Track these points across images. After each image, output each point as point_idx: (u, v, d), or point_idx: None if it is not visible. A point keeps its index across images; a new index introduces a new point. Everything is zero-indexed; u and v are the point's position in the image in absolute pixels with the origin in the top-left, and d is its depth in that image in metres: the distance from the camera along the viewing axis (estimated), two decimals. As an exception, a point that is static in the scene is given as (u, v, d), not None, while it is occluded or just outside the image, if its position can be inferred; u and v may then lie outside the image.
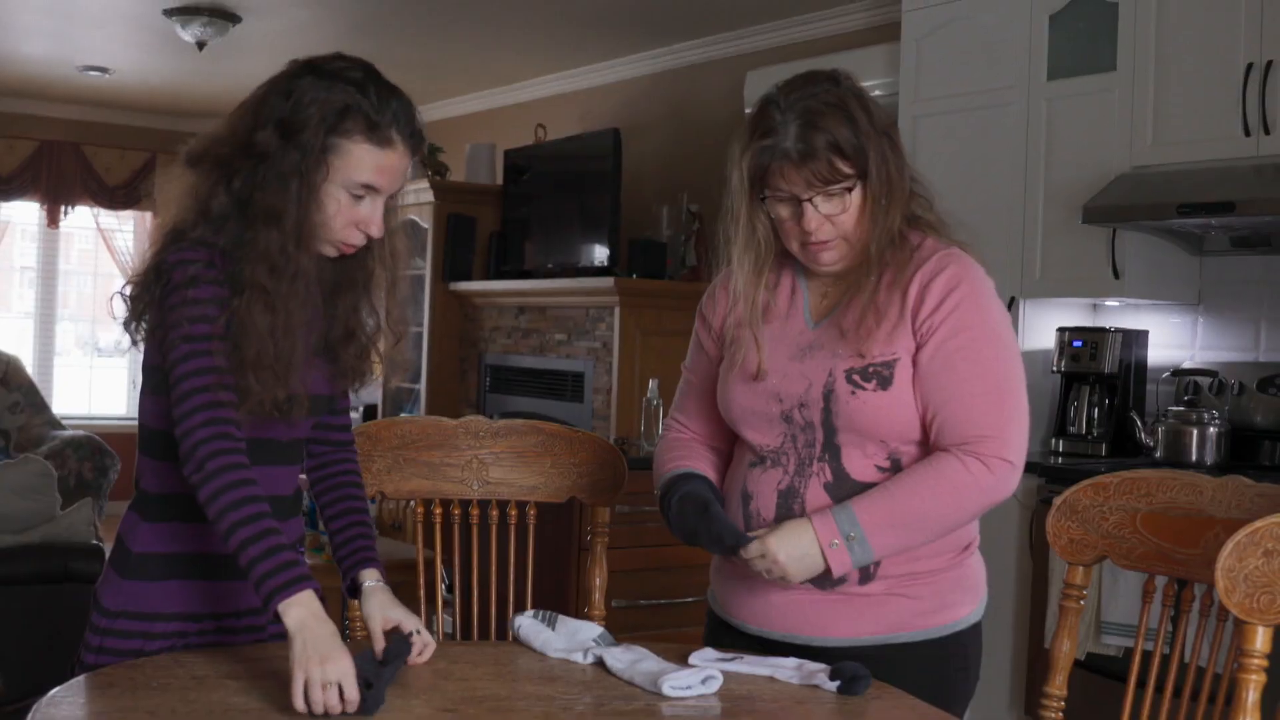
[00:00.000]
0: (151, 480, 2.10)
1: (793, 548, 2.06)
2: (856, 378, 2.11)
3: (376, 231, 2.07)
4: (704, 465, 2.31)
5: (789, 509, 2.14)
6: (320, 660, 1.78)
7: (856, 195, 2.09)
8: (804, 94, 2.09)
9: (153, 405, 2.08)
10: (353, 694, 1.78)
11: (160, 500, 2.09)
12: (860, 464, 2.13)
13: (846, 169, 2.07)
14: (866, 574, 2.13)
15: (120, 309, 2.06)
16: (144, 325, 2.05)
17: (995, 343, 2.12)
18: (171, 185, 2.08)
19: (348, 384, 2.21)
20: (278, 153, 1.98)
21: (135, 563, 2.09)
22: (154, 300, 2.00)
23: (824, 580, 2.12)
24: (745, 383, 2.21)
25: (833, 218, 2.10)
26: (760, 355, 2.20)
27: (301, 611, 1.83)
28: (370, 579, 2.16)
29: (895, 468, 2.12)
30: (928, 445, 2.13)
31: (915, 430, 2.12)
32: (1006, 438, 2.08)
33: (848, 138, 2.06)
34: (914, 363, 2.10)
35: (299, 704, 1.77)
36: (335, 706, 1.77)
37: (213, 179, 2.02)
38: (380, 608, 2.11)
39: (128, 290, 2.05)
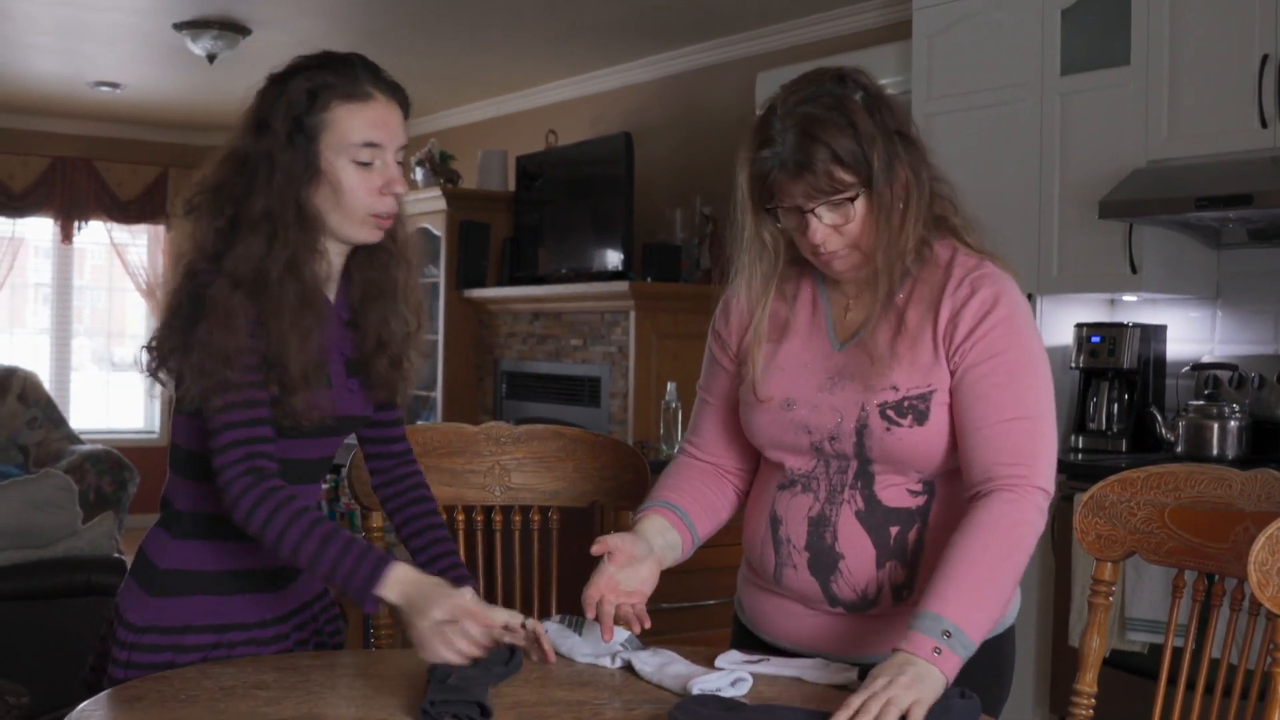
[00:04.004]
0: (183, 498, 2.11)
1: (901, 674, 1.80)
2: (891, 413, 2.03)
3: (401, 188, 2.07)
4: (687, 497, 2.22)
5: (820, 537, 2.09)
6: (423, 612, 1.87)
7: (862, 204, 2.00)
8: (804, 99, 1.99)
9: (186, 426, 2.08)
10: (494, 620, 1.89)
11: (191, 518, 2.10)
12: (893, 491, 2.07)
13: (848, 178, 1.97)
14: (899, 594, 2.08)
15: (145, 360, 2.06)
16: (169, 369, 2.04)
17: (1030, 369, 2.03)
18: (177, 239, 2.12)
19: (381, 396, 2.19)
20: (255, 154, 2.02)
21: (162, 579, 2.09)
22: (178, 338, 2.00)
23: (859, 605, 2.09)
24: (770, 412, 2.13)
25: (839, 228, 2.01)
26: (755, 372, 2.13)
27: (397, 587, 1.91)
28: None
29: (928, 491, 2.07)
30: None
31: (953, 459, 2.06)
32: (1040, 467, 2.00)
33: (848, 147, 1.96)
34: (949, 391, 2.03)
35: (444, 657, 1.89)
36: (481, 641, 1.89)
37: (210, 212, 2.04)
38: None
39: (152, 344, 2.05)
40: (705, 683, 1.92)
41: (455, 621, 1.87)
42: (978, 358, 2.02)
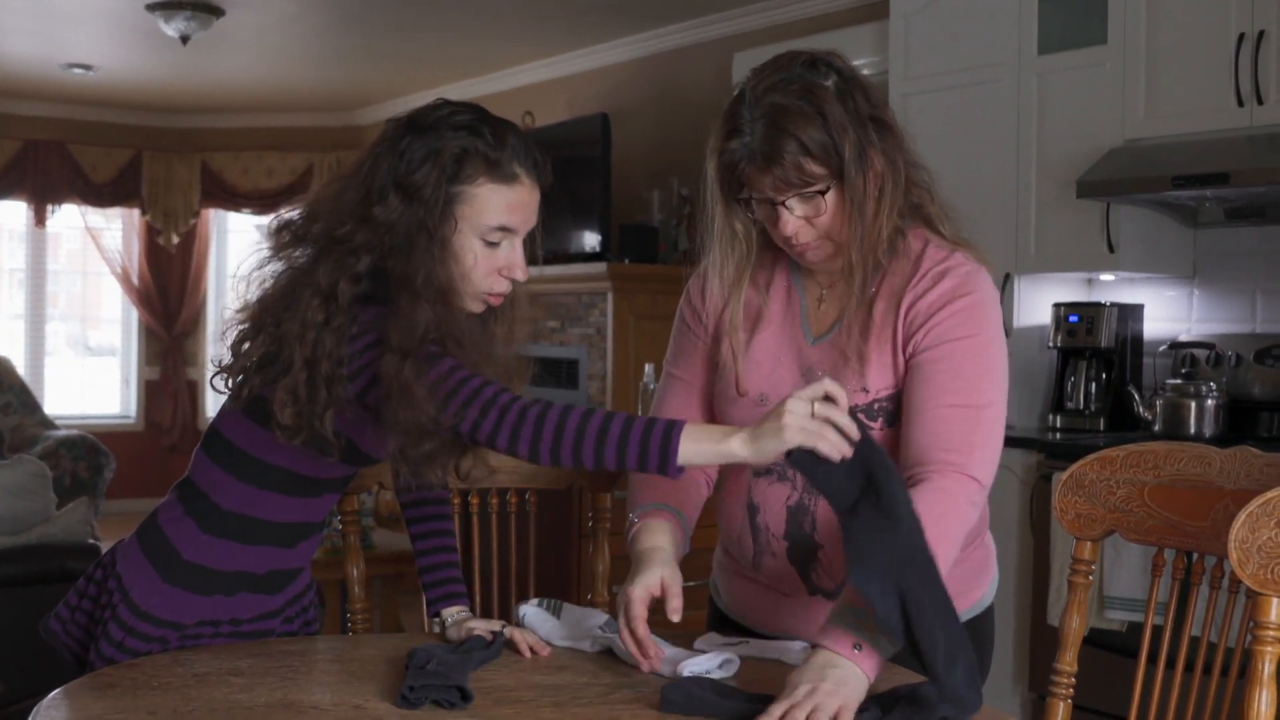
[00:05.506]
0: (227, 496, 2.06)
1: (823, 679, 1.71)
2: (862, 416, 1.99)
3: (521, 274, 2.02)
4: (674, 495, 2.13)
5: (799, 525, 2.07)
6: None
7: (834, 196, 1.94)
8: (773, 86, 1.93)
9: (248, 428, 2.02)
10: None
11: (229, 516, 2.05)
12: None
13: (818, 170, 1.91)
14: None
15: (220, 383, 2.02)
16: (250, 383, 1.96)
17: (983, 359, 1.98)
18: (256, 257, 2.00)
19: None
20: (401, 218, 1.91)
21: (183, 569, 2.06)
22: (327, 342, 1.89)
23: (837, 594, 2.07)
24: (744, 408, 2.08)
25: (811, 219, 1.96)
26: (737, 367, 2.09)
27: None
28: (453, 615, 2.19)
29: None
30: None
31: None
32: (976, 457, 1.94)
33: (818, 138, 1.90)
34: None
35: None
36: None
37: (332, 262, 1.92)
38: (459, 630, 2.14)
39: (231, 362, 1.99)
40: (694, 665, 1.91)
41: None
42: (930, 343, 1.98)
